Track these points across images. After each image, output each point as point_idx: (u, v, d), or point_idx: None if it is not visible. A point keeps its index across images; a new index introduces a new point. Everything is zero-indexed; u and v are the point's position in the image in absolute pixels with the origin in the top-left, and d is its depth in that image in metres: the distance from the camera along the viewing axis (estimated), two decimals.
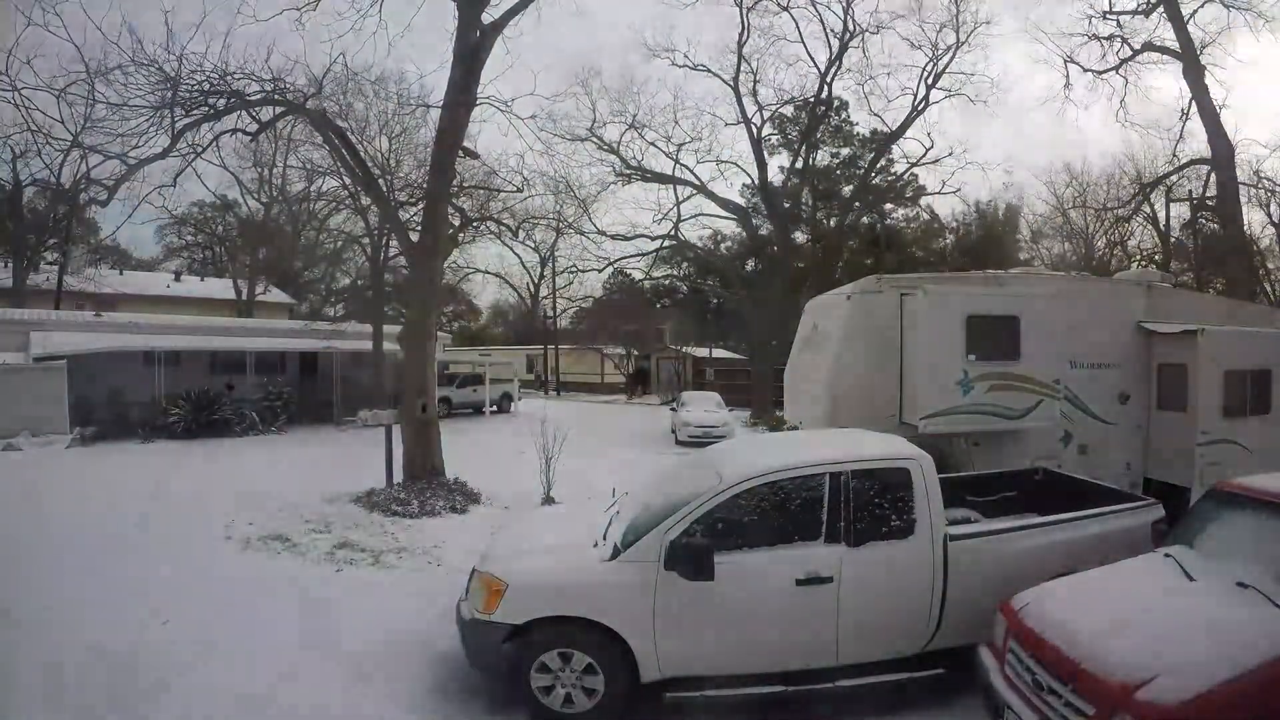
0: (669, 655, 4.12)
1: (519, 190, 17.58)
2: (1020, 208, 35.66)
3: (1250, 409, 7.72)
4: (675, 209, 26.74)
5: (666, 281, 37.62)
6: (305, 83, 11.19)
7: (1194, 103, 18.13)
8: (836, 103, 28.36)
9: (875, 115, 26.99)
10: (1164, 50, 18.86)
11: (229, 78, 9.88)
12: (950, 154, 26.82)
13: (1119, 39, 19.91)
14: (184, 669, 4.71)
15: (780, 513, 4.36)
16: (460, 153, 10.64)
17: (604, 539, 4.52)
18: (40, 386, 16.09)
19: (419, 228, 11.70)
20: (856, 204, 28.95)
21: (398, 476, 10.09)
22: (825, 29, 24.10)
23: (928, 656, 4.35)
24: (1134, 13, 19.09)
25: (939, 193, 28.66)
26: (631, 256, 30.70)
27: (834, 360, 7.84)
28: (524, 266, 42.72)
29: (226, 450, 15.72)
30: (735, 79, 25.80)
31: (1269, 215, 27.03)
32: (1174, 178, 24.21)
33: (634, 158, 26.50)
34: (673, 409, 21.12)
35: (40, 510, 9.37)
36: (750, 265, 31.52)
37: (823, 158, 29.98)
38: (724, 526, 4.20)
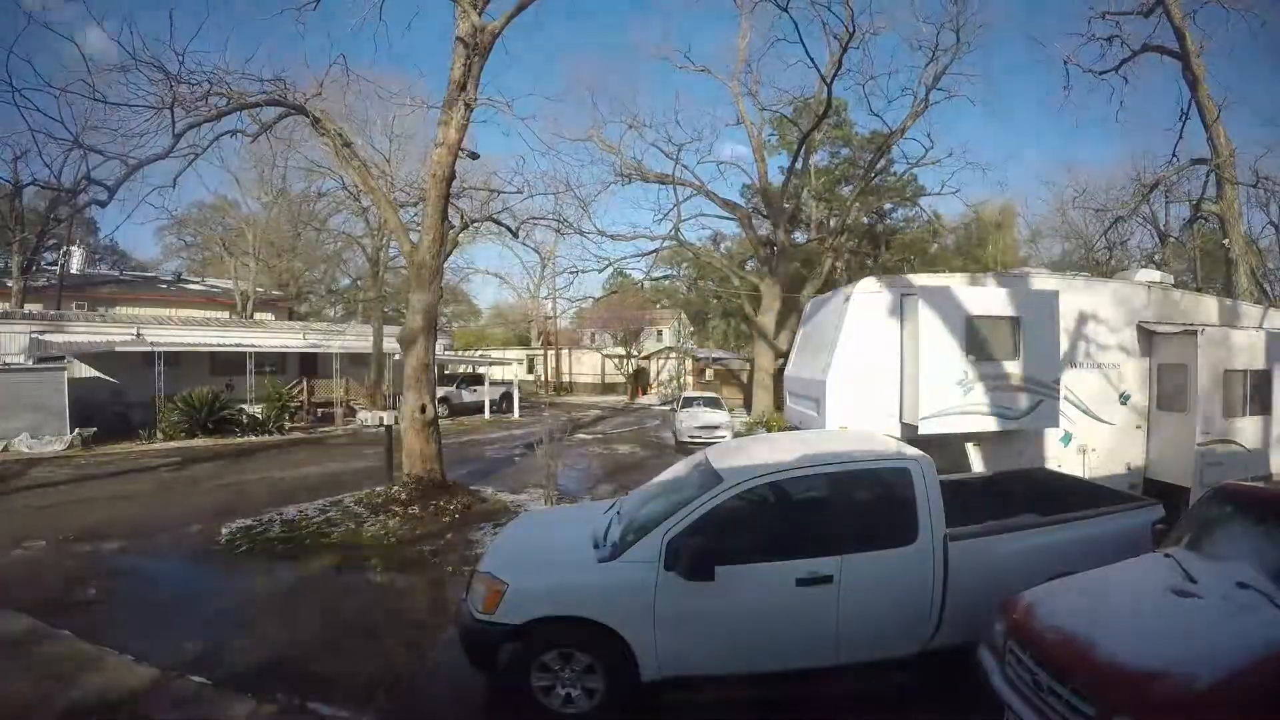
0: (669, 655, 4.12)
1: (519, 191, 17.59)
2: (1019, 208, 35.74)
3: (1250, 409, 7.73)
4: (675, 209, 26.73)
5: (667, 282, 37.65)
6: (306, 84, 11.20)
7: (1194, 103, 18.09)
8: (837, 103, 28.35)
9: (875, 115, 27.05)
10: (1163, 51, 18.79)
11: (229, 77, 9.88)
12: (950, 154, 26.84)
13: (1118, 40, 19.84)
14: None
15: (780, 513, 4.35)
16: (460, 153, 10.62)
17: (604, 539, 4.52)
18: (40, 387, 16.06)
19: (419, 228, 11.70)
20: (856, 204, 28.95)
21: (398, 478, 10.09)
22: (826, 30, 24.07)
23: (927, 656, 4.35)
24: (1133, 13, 19.02)
25: (939, 193, 28.73)
26: (631, 257, 30.79)
27: (833, 361, 7.85)
28: (524, 267, 42.81)
29: (226, 451, 15.72)
30: (735, 80, 25.79)
31: (1269, 215, 27.06)
32: (1174, 178, 24.17)
33: (634, 158, 26.50)
34: (672, 409, 21.10)
35: (30, 512, 9.36)
36: (750, 265, 31.52)
37: (823, 158, 29.96)
38: (724, 527, 4.19)
